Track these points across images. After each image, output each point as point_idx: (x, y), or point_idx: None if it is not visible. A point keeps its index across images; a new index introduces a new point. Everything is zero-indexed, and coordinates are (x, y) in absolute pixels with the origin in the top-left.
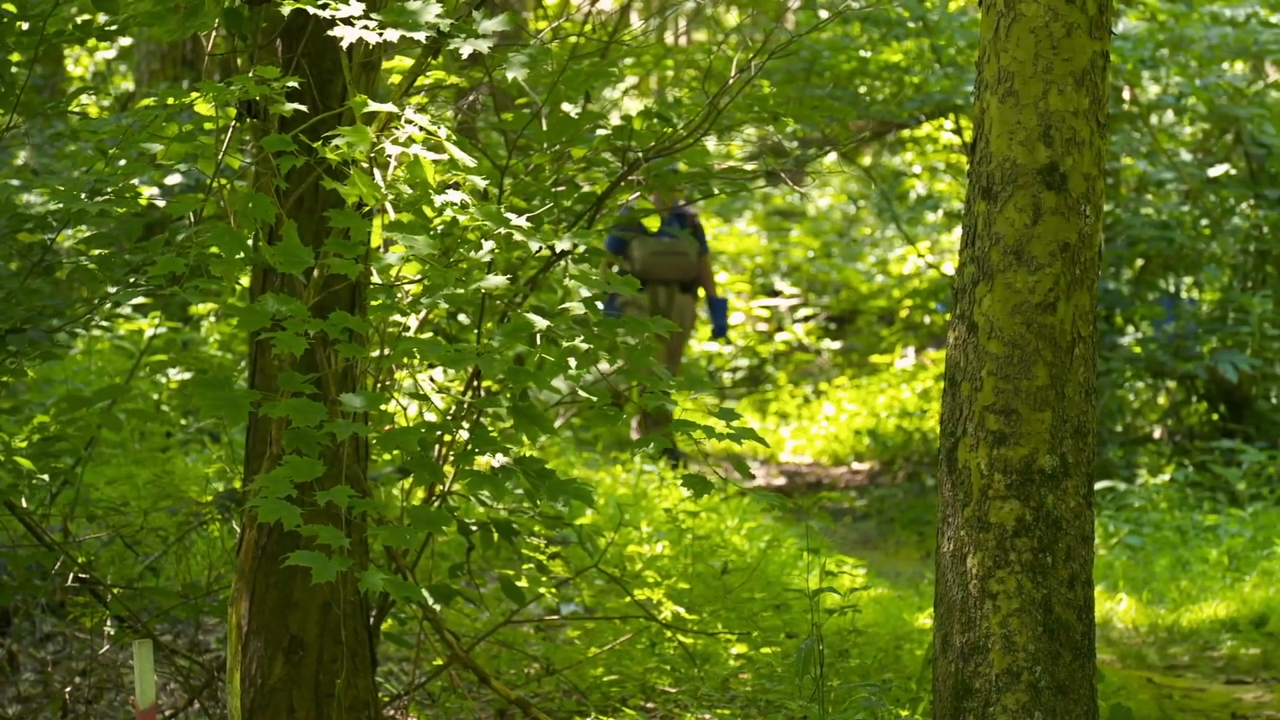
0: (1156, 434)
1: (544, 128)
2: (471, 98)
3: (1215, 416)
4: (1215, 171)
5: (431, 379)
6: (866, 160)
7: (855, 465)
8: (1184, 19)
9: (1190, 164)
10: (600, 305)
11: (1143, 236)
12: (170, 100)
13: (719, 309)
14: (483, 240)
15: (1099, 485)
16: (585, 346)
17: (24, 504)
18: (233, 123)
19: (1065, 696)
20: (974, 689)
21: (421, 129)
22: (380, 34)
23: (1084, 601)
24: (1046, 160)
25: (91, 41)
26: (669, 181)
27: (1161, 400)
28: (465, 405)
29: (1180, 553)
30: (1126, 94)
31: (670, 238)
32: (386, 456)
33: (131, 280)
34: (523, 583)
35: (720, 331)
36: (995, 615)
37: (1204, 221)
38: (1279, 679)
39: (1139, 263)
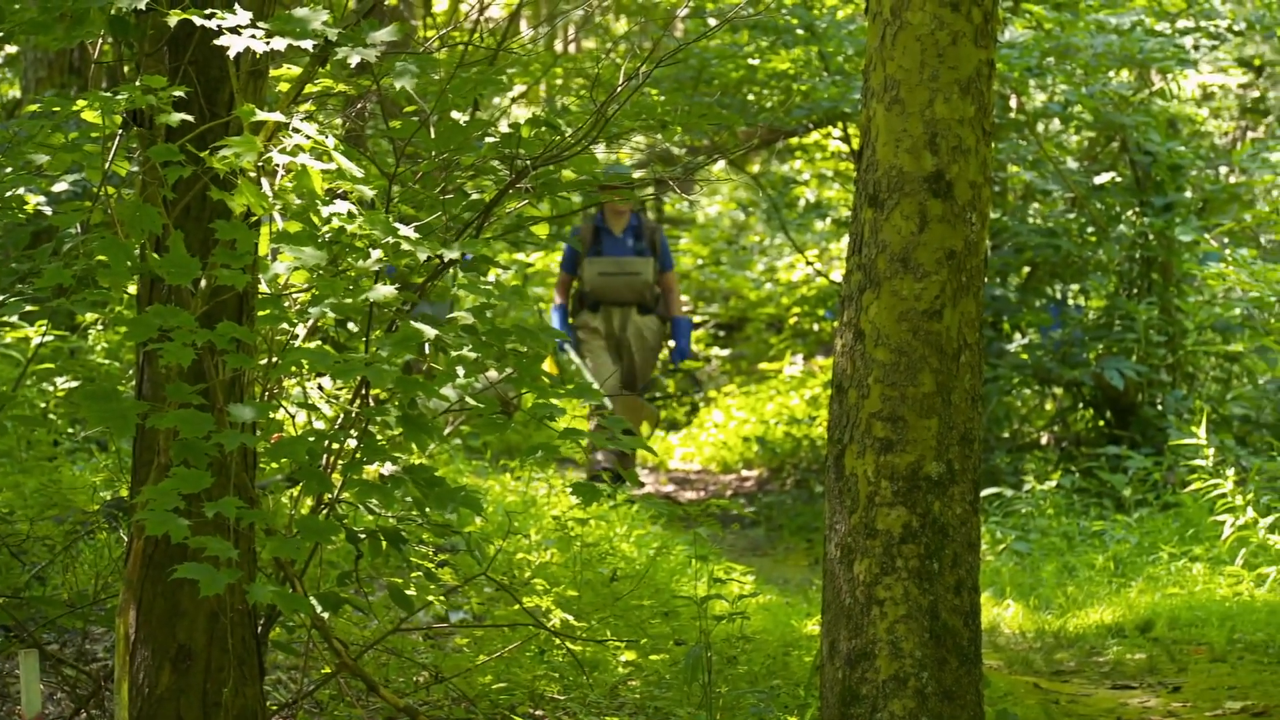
0: (1043, 440)
1: (432, 136)
2: (360, 106)
3: (1101, 423)
4: (1101, 179)
5: (320, 388)
6: (755, 168)
7: (744, 472)
8: (1070, 27)
9: (1076, 172)
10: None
11: (1029, 244)
12: (56, 109)
13: (680, 329)
14: (370, 249)
15: (986, 492)
16: (474, 355)
17: None
18: (119, 131)
19: (952, 702)
20: (861, 695)
21: (309, 138)
22: (267, 43)
23: (970, 607)
24: (933, 168)
25: None
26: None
27: (1048, 407)
28: (354, 414)
29: (1067, 559)
30: (1013, 102)
31: (623, 255)
32: (274, 465)
33: (18, 289)
34: (411, 591)
35: (681, 354)
36: (882, 621)
37: (1090, 229)
38: (1164, 684)
39: (1026, 270)
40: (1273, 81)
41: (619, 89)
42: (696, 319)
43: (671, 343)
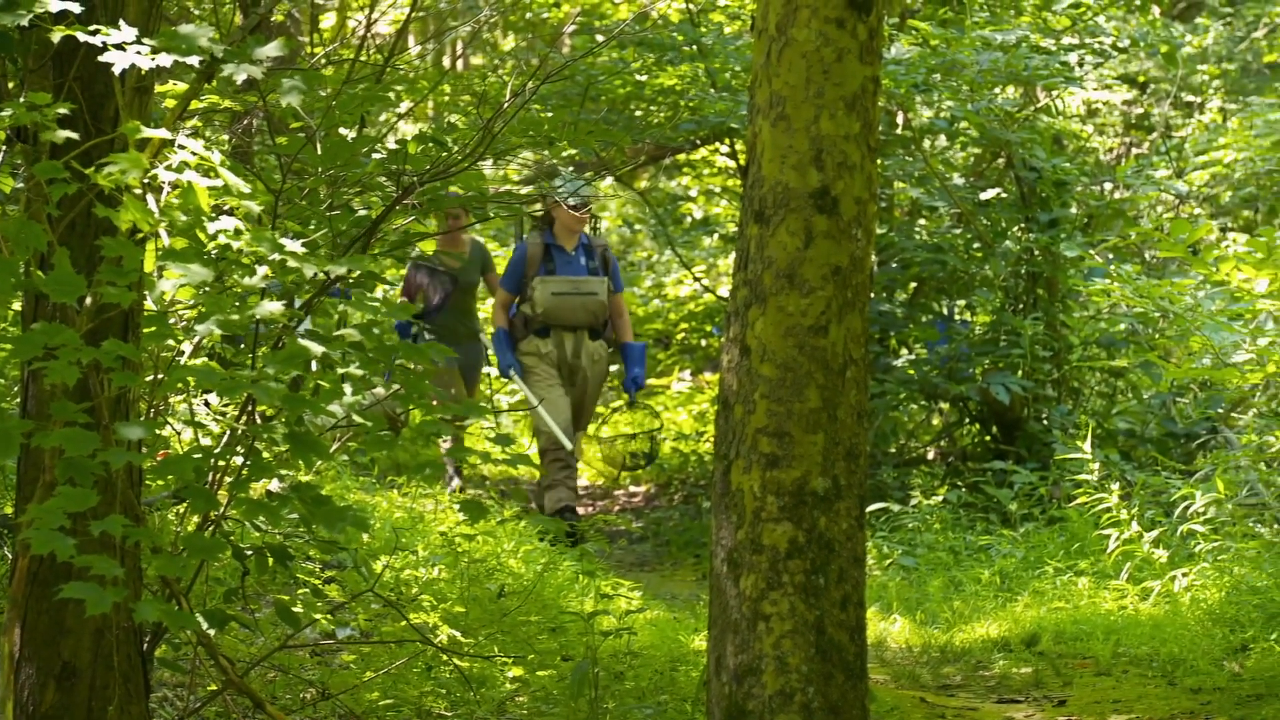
0: (930, 455)
1: (319, 152)
2: (246, 122)
3: (987, 438)
4: (987, 195)
5: (207, 405)
6: (642, 184)
7: (632, 487)
8: (956, 44)
9: (962, 188)
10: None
11: (916, 259)
12: None
13: (633, 356)
14: (257, 266)
15: (873, 507)
16: (361, 372)
17: None
18: (3, 148)
19: (838, 717)
20: (748, 710)
21: (195, 154)
22: (153, 59)
23: (856, 622)
24: (818, 184)
25: None
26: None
27: (935, 422)
28: (240, 431)
29: (953, 573)
30: (900, 118)
31: (578, 274)
32: (161, 483)
33: None
34: (298, 607)
35: (635, 383)
36: (769, 637)
37: (976, 245)
38: (1050, 698)
39: (912, 285)
40: (1156, 98)
41: (505, 105)
42: None
43: (618, 368)
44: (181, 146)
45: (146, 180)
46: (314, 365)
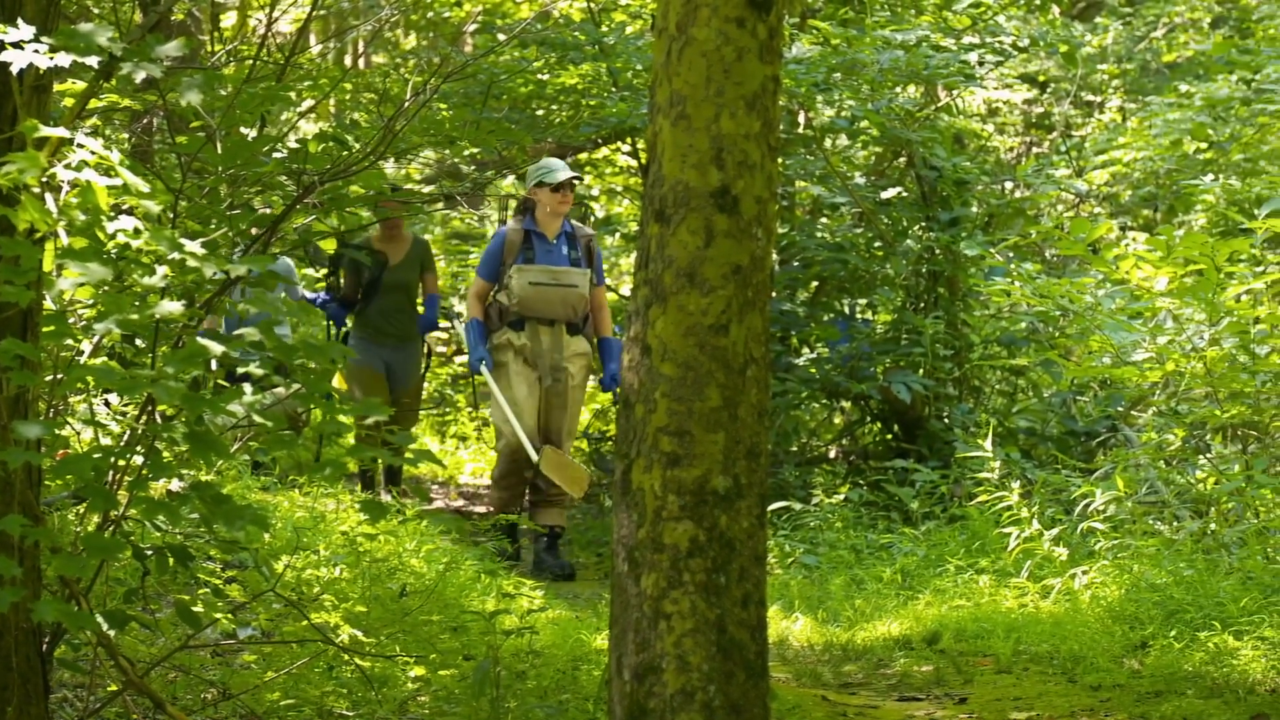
0: (832, 454)
1: (219, 151)
2: (146, 121)
3: (889, 436)
4: (888, 194)
5: (107, 404)
6: None
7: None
8: (857, 43)
9: (863, 187)
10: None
11: (817, 258)
12: None
13: (613, 352)
14: (157, 265)
15: (775, 506)
16: (261, 371)
17: None
18: None
19: (739, 715)
20: (649, 709)
21: (94, 153)
22: (51, 58)
23: (758, 621)
24: (719, 183)
25: None
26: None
27: (836, 421)
28: (140, 431)
29: (855, 572)
30: (801, 118)
31: (558, 264)
32: (60, 482)
33: None
34: (199, 607)
35: (615, 380)
36: (669, 636)
37: (877, 244)
38: (951, 695)
39: (814, 285)
40: (1057, 97)
41: (407, 104)
42: None
43: (600, 365)
44: (80, 145)
45: (45, 179)
46: (214, 364)
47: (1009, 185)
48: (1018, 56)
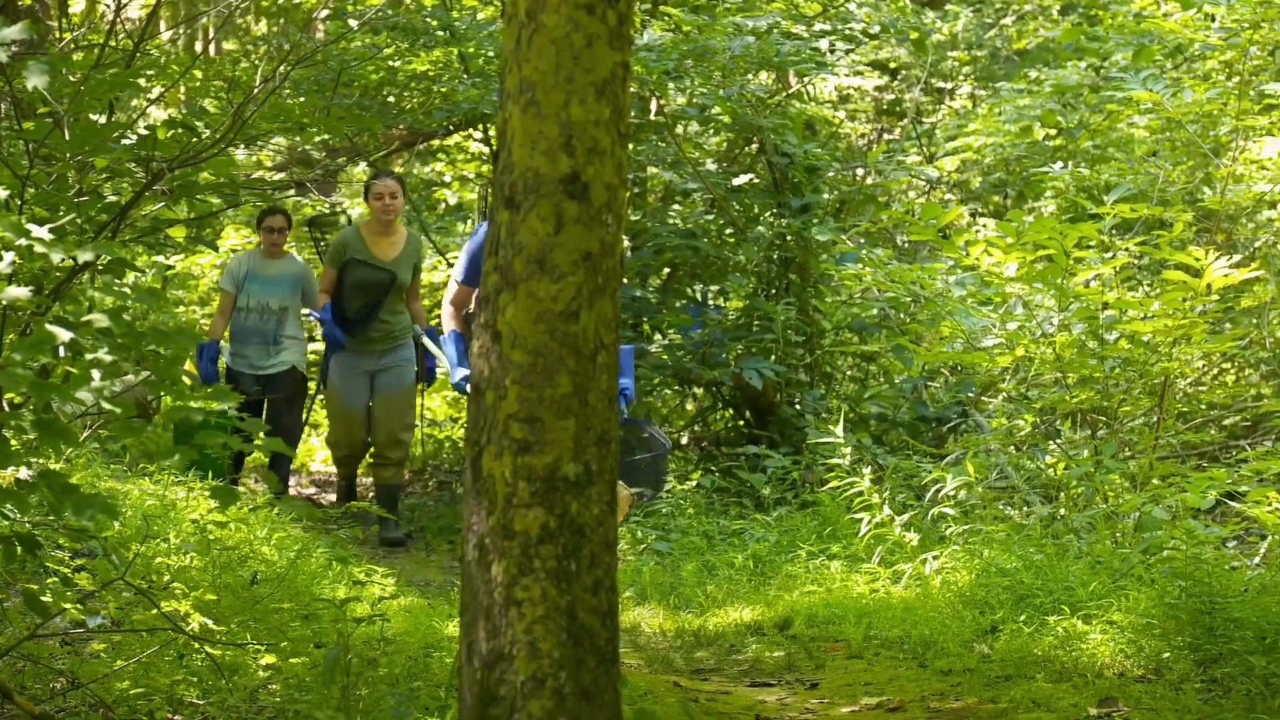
0: (684, 440)
1: (67, 137)
2: None
3: (741, 423)
4: (739, 181)
5: None
6: (397, 169)
7: None
8: (708, 30)
9: (715, 173)
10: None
11: (669, 245)
12: None
13: (622, 363)
14: (3, 251)
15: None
16: (110, 358)
17: None
18: None
19: (590, 702)
20: (500, 696)
21: None
22: None
23: (608, 607)
24: (569, 170)
25: None
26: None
27: (689, 407)
28: None
29: (707, 558)
30: (653, 104)
31: None
32: None
33: None
34: (47, 596)
35: (624, 395)
36: (520, 622)
37: (729, 230)
38: (802, 680)
39: (666, 271)
40: (907, 84)
41: (256, 91)
42: None
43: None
44: None
45: None
46: (62, 352)
47: (860, 172)
48: (869, 43)
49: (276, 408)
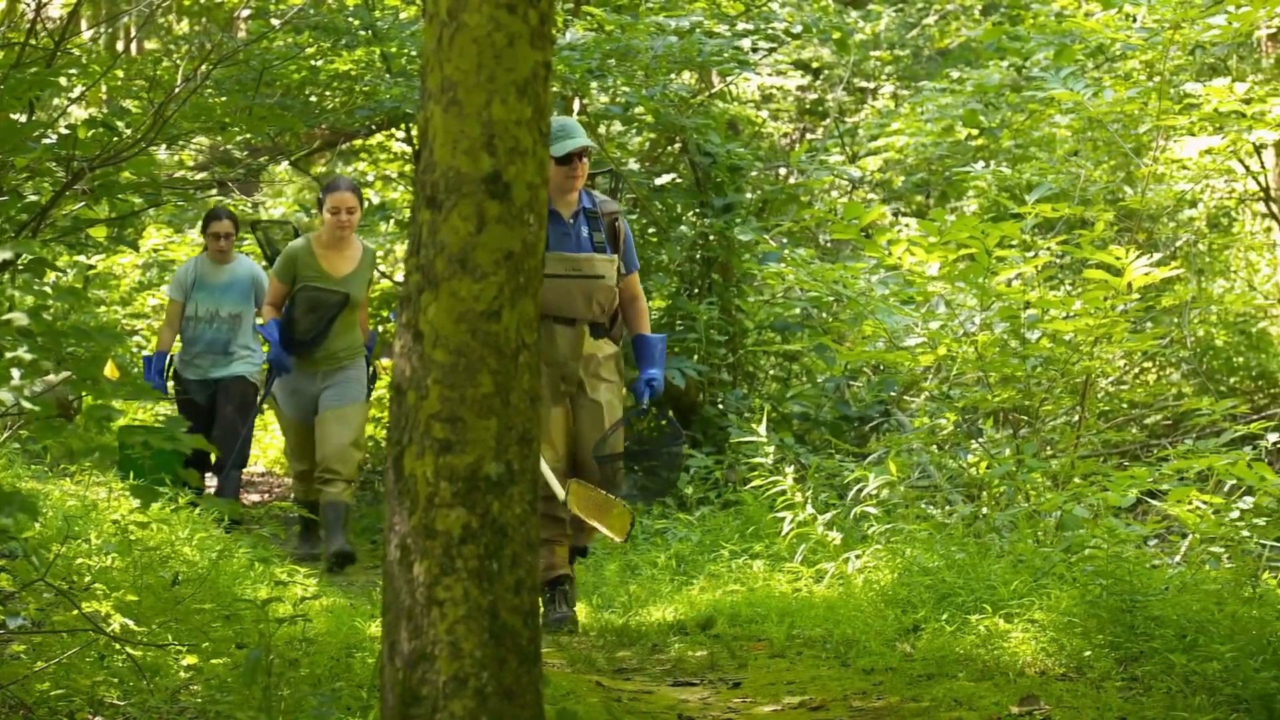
0: None
1: None
2: None
3: (664, 423)
4: (662, 180)
5: None
6: (319, 169)
7: None
8: (631, 29)
9: (638, 173)
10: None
11: None
12: None
13: (652, 352)
14: None
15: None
16: (30, 357)
17: None
18: None
19: (512, 701)
20: (422, 696)
21: None
22: None
23: (530, 607)
24: (490, 169)
25: None
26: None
27: None
28: None
29: (630, 557)
30: (576, 104)
31: (577, 249)
32: None
33: None
34: None
35: (651, 387)
36: (443, 622)
37: (651, 230)
38: (725, 680)
39: None
40: (830, 84)
41: (178, 90)
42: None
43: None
44: None
45: None
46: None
47: (783, 171)
48: (791, 43)
49: (227, 416)
